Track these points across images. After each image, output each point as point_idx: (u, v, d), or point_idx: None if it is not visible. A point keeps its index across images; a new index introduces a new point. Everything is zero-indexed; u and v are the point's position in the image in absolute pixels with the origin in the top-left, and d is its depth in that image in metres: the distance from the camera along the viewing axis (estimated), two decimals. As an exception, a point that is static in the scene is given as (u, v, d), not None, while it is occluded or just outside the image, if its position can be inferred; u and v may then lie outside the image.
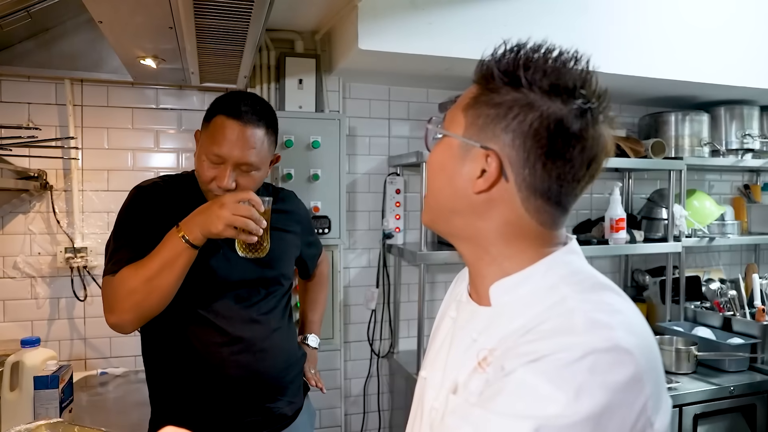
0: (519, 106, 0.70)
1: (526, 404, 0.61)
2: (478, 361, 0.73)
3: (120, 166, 2.17)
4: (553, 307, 0.69)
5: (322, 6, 2.06)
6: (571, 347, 0.61)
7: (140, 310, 1.29)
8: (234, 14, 1.39)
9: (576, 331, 0.64)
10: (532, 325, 0.68)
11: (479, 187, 0.73)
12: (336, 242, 2.28)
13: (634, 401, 0.62)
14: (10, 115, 2.02)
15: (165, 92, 2.22)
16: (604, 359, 0.61)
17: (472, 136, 0.74)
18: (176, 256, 1.27)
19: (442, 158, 0.78)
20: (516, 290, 0.74)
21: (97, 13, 1.39)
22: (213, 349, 1.40)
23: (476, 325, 0.78)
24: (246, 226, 1.27)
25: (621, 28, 2.27)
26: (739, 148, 2.80)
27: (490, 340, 0.73)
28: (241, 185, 1.39)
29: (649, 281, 2.84)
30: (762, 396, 2.20)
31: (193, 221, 1.28)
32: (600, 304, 0.68)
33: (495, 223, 0.75)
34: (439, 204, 0.80)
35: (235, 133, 1.35)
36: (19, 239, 2.07)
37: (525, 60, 0.71)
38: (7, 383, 1.53)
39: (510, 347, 0.68)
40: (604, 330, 0.63)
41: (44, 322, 2.10)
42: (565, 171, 0.71)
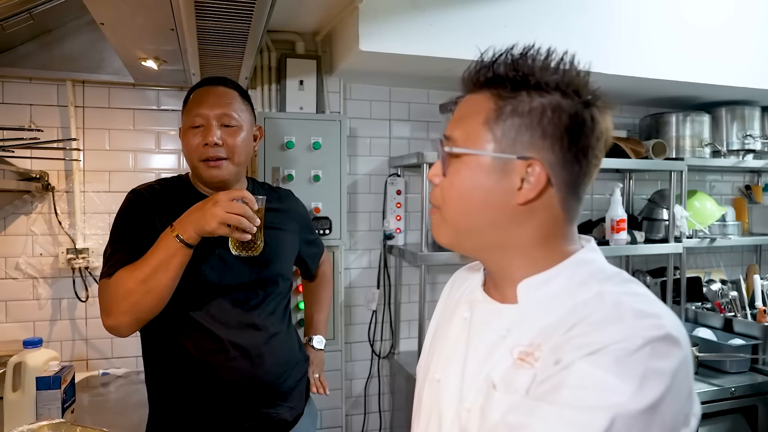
0: (551, 110, 0.72)
1: (596, 395, 0.61)
2: (519, 357, 0.73)
3: (121, 167, 2.18)
4: (592, 300, 0.70)
5: (323, 7, 2.06)
6: (629, 337, 0.63)
7: (137, 311, 1.29)
8: (235, 16, 1.40)
9: (628, 321, 0.65)
10: (576, 318, 0.69)
11: (525, 198, 0.74)
12: (337, 243, 2.28)
13: (684, 388, 0.64)
14: (12, 117, 2.03)
15: (166, 93, 2.22)
16: (660, 347, 0.63)
17: (506, 149, 0.74)
18: (171, 255, 1.27)
19: (474, 179, 0.76)
20: (544, 287, 0.76)
21: (99, 14, 1.40)
22: (208, 354, 1.40)
23: (502, 322, 0.78)
24: (239, 224, 1.27)
25: (621, 29, 2.27)
26: (740, 148, 2.80)
27: (525, 336, 0.74)
28: (228, 144, 1.42)
29: (650, 282, 2.84)
30: (763, 397, 2.20)
31: (186, 220, 1.28)
32: (639, 296, 0.70)
33: (533, 228, 0.76)
34: (471, 223, 0.78)
35: (209, 93, 1.44)
36: (21, 240, 2.08)
37: (535, 62, 0.73)
38: (9, 384, 1.54)
39: (562, 341, 0.68)
40: (654, 319, 0.65)
41: (46, 322, 2.11)
42: (592, 162, 0.76)
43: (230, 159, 1.43)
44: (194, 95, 1.46)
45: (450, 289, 0.99)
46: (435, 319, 1.00)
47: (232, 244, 1.37)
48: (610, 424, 0.60)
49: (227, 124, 1.43)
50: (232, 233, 1.29)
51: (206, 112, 1.41)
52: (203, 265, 1.39)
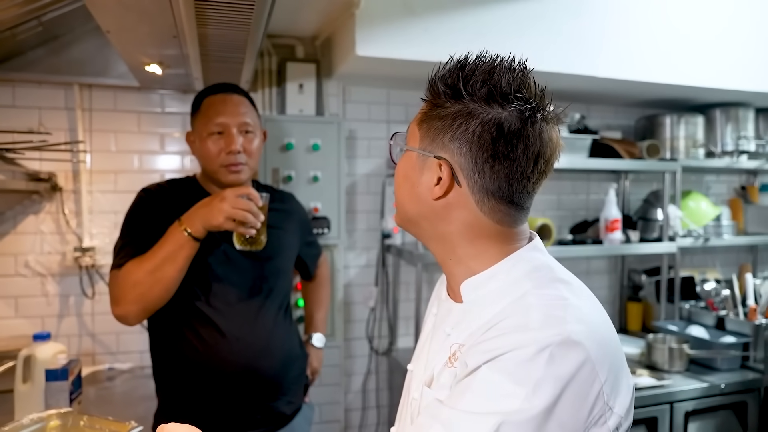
0: (461, 116, 0.76)
1: (489, 401, 0.65)
2: (449, 356, 0.79)
3: (127, 168, 2.25)
4: (514, 303, 0.74)
5: (322, 13, 2.12)
6: (527, 344, 0.66)
7: (144, 301, 1.36)
8: (234, 23, 1.46)
9: (531, 327, 0.69)
10: (496, 321, 0.73)
11: (436, 194, 0.79)
12: (335, 242, 2.34)
13: (589, 389, 0.67)
14: (21, 120, 2.10)
15: (170, 97, 2.29)
16: (557, 353, 0.66)
17: (426, 147, 0.80)
18: (178, 248, 1.34)
19: (405, 169, 0.84)
20: (483, 287, 0.80)
21: (105, 23, 1.46)
22: (212, 346, 1.46)
23: (450, 320, 0.84)
24: (245, 219, 1.35)
25: (614, 33, 2.32)
26: (734, 149, 2.83)
27: (461, 336, 0.79)
28: (247, 150, 1.51)
29: (645, 281, 2.89)
30: (753, 393, 2.23)
31: (194, 214, 1.36)
32: (555, 299, 0.73)
33: (456, 225, 0.81)
34: (405, 210, 0.86)
35: (226, 102, 1.51)
36: (30, 239, 2.15)
37: (465, 73, 0.77)
38: (20, 376, 1.60)
39: (473, 344, 0.73)
40: (558, 325, 0.68)
41: (54, 318, 2.18)
42: (513, 170, 0.76)
43: (248, 164, 1.52)
44: (209, 103, 1.52)
45: (438, 286, 1.04)
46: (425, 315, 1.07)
47: (237, 238, 1.45)
48: (495, 429, 0.63)
49: (246, 131, 1.51)
50: (237, 228, 1.37)
51: (227, 120, 1.49)
52: (209, 259, 1.47)
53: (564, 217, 2.91)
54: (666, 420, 2.09)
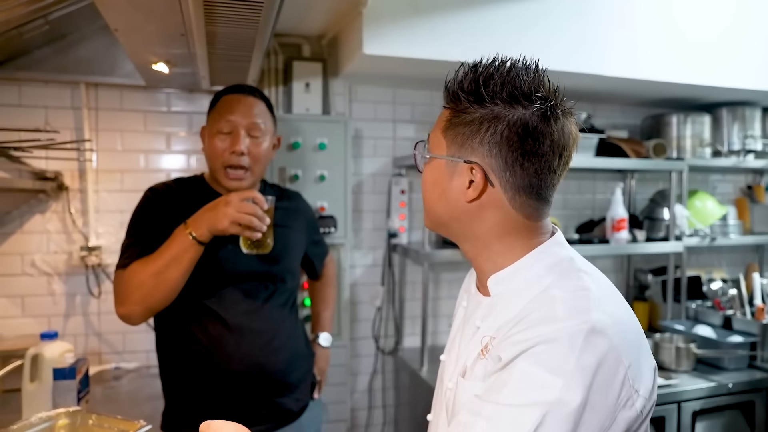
0: (488, 120, 0.80)
1: (529, 393, 0.69)
2: (482, 348, 0.83)
3: (133, 167, 2.25)
4: (539, 296, 0.79)
5: (328, 12, 2.12)
6: (557, 335, 0.71)
7: (147, 302, 1.37)
8: (243, 21, 1.45)
9: (558, 317, 0.73)
10: (523, 315, 0.77)
11: (470, 197, 0.83)
12: (342, 241, 2.34)
13: (615, 375, 0.71)
14: (28, 119, 2.10)
15: (176, 96, 2.29)
16: (585, 342, 0.70)
17: (455, 153, 0.84)
18: (183, 251, 1.34)
19: (433, 177, 0.88)
20: (509, 281, 0.84)
21: (113, 21, 1.46)
22: (219, 343, 1.46)
23: (479, 313, 0.88)
24: (250, 223, 1.35)
25: (619, 32, 2.31)
26: (740, 149, 2.82)
27: (491, 328, 0.83)
28: (252, 154, 1.50)
29: (651, 280, 2.88)
30: (761, 393, 2.22)
31: (200, 218, 1.36)
32: (578, 290, 0.77)
33: (488, 223, 0.85)
34: (437, 214, 0.90)
35: (241, 102, 1.51)
36: (36, 238, 2.15)
37: (484, 78, 0.81)
38: (27, 374, 1.60)
39: (504, 337, 0.77)
40: (582, 314, 0.72)
41: (60, 317, 2.18)
42: (542, 165, 0.81)
43: (251, 169, 1.51)
44: (225, 101, 1.53)
45: (467, 279, 1.07)
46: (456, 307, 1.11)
47: (243, 241, 1.45)
48: (542, 418, 0.67)
49: (254, 135, 1.51)
50: (242, 232, 1.37)
51: (236, 120, 1.49)
52: (217, 256, 1.47)
53: (570, 217, 2.90)
54: (674, 419, 2.08)
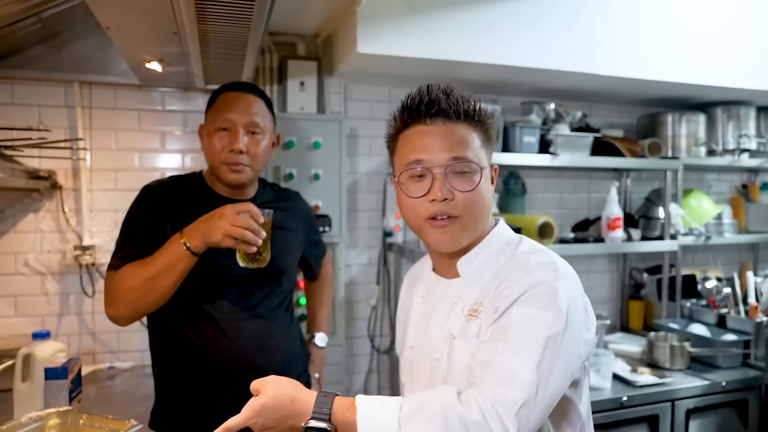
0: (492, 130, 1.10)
1: (530, 326, 0.90)
2: (468, 314, 1.01)
3: (127, 166, 2.24)
4: (509, 263, 1.01)
5: (323, 10, 2.11)
6: (538, 282, 0.94)
7: (136, 306, 1.36)
8: (235, 20, 1.45)
9: (534, 271, 0.96)
10: (501, 277, 0.99)
11: (494, 193, 1.09)
12: (337, 240, 2.33)
13: (579, 304, 0.97)
14: (21, 117, 2.09)
15: (170, 94, 2.28)
16: (559, 284, 0.94)
17: (489, 162, 1.07)
18: (176, 261, 1.33)
19: (489, 186, 1.07)
20: (476, 260, 1.06)
21: (105, 19, 1.45)
22: (213, 344, 1.46)
23: (452, 292, 1.08)
24: (244, 237, 1.32)
25: (616, 31, 2.31)
26: (735, 148, 2.83)
27: (470, 298, 1.03)
28: (251, 152, 1.49)
29: (647, 279, 2.88)
30: (754, 391, 2.23)
31: (195, 229, 1.34)
32: (538, 253, 1.02)
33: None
34: (483, 218, 1.05)
35: (240, 100, 1.50)
36: (30, 237, 2.14)
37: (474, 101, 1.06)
38: (19, 374, 1.60)
39: (495, 294, 0.97)
40: (550, 266, 0.97)
41: (54, 317, 2.17)
42: None
43: (251, 166, 1.50)
44: (223, 98, 1.51)
45: (409, 284, 1.27)
46: (401, 308, 1.28)
47: (239, 255, 1.42)
48: (545, 342, 0.89)
49: (253, 132, 1.50)
50: (237, 245, 1.34)
51: (235, 118, 1.48)
52: (212, 258, 1.45)
53: (566, 216, 2.90)
54: (667, 418, 2.08)
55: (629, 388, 2.08)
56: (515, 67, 2.17)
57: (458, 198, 1.00)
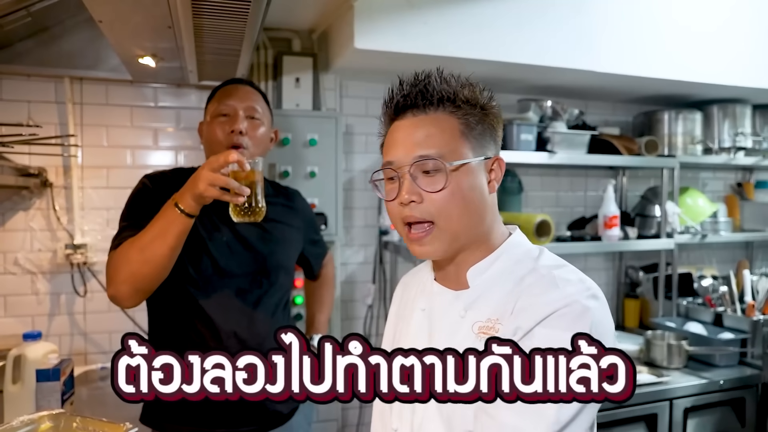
0: (492, 118, 0.93)
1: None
2: (481, 331, 0.88)
3: (119, 163, 2.20)
4: (529, 276, 0.88)
5: (319, 5, 2.09)
6: (569, 300, 0.81)
7: (135, 280, 1.31)
8: (231, 14, 1.42)
9: (562, 287, 0.84)
10: (520, 291, 0.86)
11: (493, 189, 0.92)
12: (333, 238, 2.31)
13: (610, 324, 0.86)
14: (10, 113, 2.04)
15: (163, 91, 2.24)
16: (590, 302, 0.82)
17: (479, 154, 0.91)
18: (169, 223, 1.29)
19: (473, 182, 0.90)
20: (489, 270, 0.92)
21: (97, 12, 1.41)
22: (209, 341, 1.43)
23: (459, 305, 0.93)
24: (227, 185, 1.26)
25: (614, 28, 2.30)
26: (731, 146, 2.83)
27: (482, 313, 0.89)
28: (251, 137, 1.50)
29: (643, 278, 2.88)
30: (751, 389, 2.23)
31: (183, 189, 1.30)
32: (562, 268, 0.89)
33: (491, 214, 0.93)
34: (469, 222, 0.90)
35: (239, 89, 1.55)
36: (19, 236, 2.10)
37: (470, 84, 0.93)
38: (9, 376, 1.57)
39: (515, 312, 0.85)
40: (579, 284, 0.85)
41: (45, 317, 2.13)
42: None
43: (249, 150, 1.50)
44: (223, 90, 1.56)
45: (403, 291, 1.12)
46: (392, 320, 1.12)
47: (232, 210, 1.35)
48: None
49: (252, 116, 1.52)
50: (222, 196, 1.28)
51: (235, 103, 1.50)
52: (210, 250, 1.44)
53: (562, 214, 2.89)
54: (665, 417, 2.08)
55: (627, 387, 2.07)
56: (513, 63, 2.15)
57: (427, 200, 0.87)
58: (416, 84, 0.91)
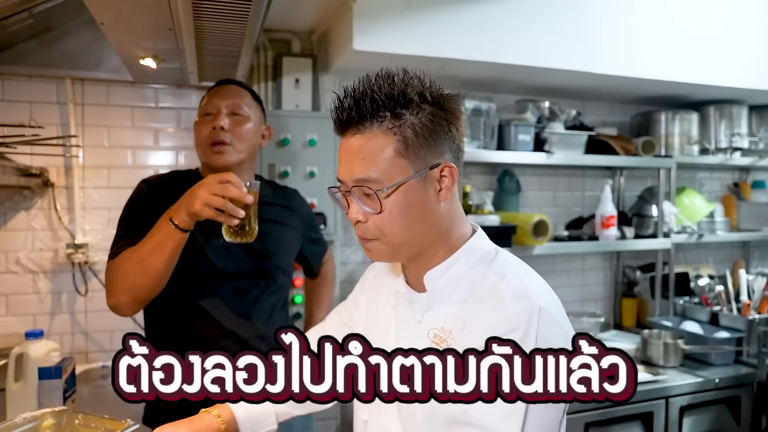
0: (434, 118, 0.86)
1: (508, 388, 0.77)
2: (434, 341, 0.89)
3: (120, 163, 2.22)
4: (481, 285, 0.88)
5: (318, 7, 2.10)
6: (513, 325, 0.81)
7: (133, 291, 1.34)
8: (232, 17, 1.44)
9: (507, 306, 0.83)
10: (471, 307, 0.86)
11: (445, 197, 0.89)
12: (332, 238, 2.32)
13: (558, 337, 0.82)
14: (12, 114, 2.06)
15: (164, 91, 2.26)
16: (531, 324, 0.81)
17: (422, 167, 0.86)
18: (165, 238, 1.32)
19: (410, 200, 0.87)
20: (446, 274, 0.92)
21: (99, 14, 1.43)
22: (208, 341, 1.46)
23: (418, 308, 0.94)
24: (223, 207, 1.28)
25: (611, 30, 2.32)
26: (727, 146, 2.85)
27: (437, 321, 0.90)
28: (235, 132, 1.52)
29: (640, 277, 2.90)
30: (747, 388, 2.26)
31: (179, 204, 1.33)
32: (508, 279, 0.87)
33: (447, 219, 0.92)
34: (413, 235, 0.89)
35: (224, 88, 1.58)
36: (21, 235, 2.11)
37: (400, 90, 0.85)
38: (12, 374, 1.58)
39: (465, 329, 0.85)
40: (526, 299, 0.83)
41: (46, 316, 2.14)
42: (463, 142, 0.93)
43: (233, 145, 1.51)
44: (212, 91, 1.60)
45: (374, 276, 1.14)
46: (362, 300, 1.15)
47: (225, 229, 1.37)
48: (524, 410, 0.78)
49: (235, 113, 1.53)
50: (217, 216, 1.30)
51: (217, 102, 1.53)
52: (207, 253, 1.46)
53: (559, 214, 2.91)
54: (661, 415, 2.10)
55: (623, 386, 2.09)
56: (510, 65, 2.17)
57: (369, 220, 0.88)
58: (352, 97, 0.87)
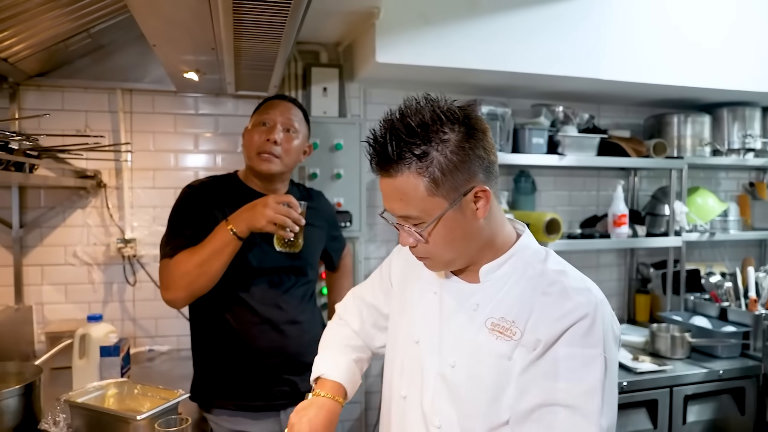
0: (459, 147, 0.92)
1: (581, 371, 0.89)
2: (494, 329, 0.97)
3: (164, 166, 2.44)
4: (538, 279, 0.97)
5: (344, 22, 2.27)
6: (581, 314, 0.91)
7: (191, 289, 1.55)
8: (267, 38, 1.62)
9: (573, 298, 0.93)
10: (533, 299, 0.95)
11: (482, 214, 0.96)
12: (357, 234, 2.50)
13: (616, 325, 0.98)
14: (70, 122, 2.30)
15: (203, 100, 2.47)
16: (598, 313, 0.92)
17: (456, 197, 0.94)
18: (224, 245, 1.53)
19: (451, 228, 0.96)
20: (500, 269, 1.02)
21: (152, 37, 1.63)
22: (247, 326, 1.66)
23: (471, 298, 1.03)
24: (284, 223, 1.54)
25: (620, 38, 2.43)
26: (740, 147, 2.92)
27: (496, 311, 0.99)
28: (284, 147, 1.69)
29: (653, 274, 2.99)
30: (751, 379, 2.34)
31: (240, 216, 1.54)
32: (566, 274, 0.98)
33: (491, 227, 1.01)
34: (460, 252, 1.00)
35: (281, 104, 1.74)
36: (77, 231, 2.35)
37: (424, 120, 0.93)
38: (77, 352, 1.80)
39: (533, 321, 0.94)
40: (586, 293, 0.94)
41: (99, 303, 2.38)
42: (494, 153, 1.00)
43: (281, 159, 1.70)
44: (268, 103, 1.76)
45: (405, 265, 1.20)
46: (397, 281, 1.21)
47: (277, 241, 1.64)
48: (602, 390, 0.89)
49: (288, 129, 1.71)
50: (277, 231, 1.56)
51: (274, 116, 1.71)
52: (247, 252, 1.65)
53: (575, 212, 3.02)
54: (666, 403, 2.21)
55: (630, 375, 2.21)
56: (522, 73, 2.30)
57: (419, 245, 0.99)
58: (379, 144, 0.94)
